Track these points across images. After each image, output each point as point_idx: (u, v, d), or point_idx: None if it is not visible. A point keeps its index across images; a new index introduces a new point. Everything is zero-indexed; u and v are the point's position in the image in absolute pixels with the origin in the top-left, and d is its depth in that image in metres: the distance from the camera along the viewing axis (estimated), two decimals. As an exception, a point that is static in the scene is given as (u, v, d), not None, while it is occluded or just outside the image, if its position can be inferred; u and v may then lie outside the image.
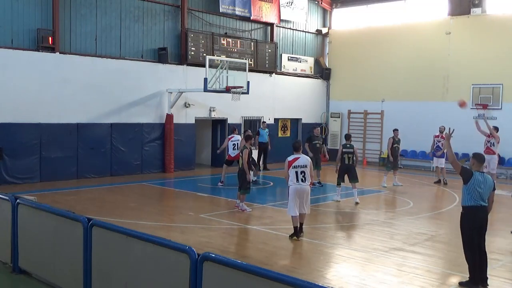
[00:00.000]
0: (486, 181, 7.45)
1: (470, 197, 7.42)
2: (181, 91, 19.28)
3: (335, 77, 26.19)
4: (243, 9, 21.96)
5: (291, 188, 10.02)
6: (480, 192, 7.37)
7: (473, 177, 7.42)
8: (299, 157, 10.07)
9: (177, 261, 5.09)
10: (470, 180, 7.41)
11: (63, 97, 16.81)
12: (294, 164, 9.99)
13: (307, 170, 10.01)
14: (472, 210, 7.44)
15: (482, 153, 8.02)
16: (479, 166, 7.61)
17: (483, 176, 7.48)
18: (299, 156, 10.10)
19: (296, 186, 9.97)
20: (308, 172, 10.05)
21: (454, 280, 7.92)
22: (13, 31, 15.80)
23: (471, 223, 7.45)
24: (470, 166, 7.69)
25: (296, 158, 10.04)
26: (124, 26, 18.43)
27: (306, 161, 10.10)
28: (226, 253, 9.00)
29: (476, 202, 7.39)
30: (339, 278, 8.00)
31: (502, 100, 20.84)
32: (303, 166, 9.99)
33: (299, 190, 9.98)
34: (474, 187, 7.39)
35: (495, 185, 7.80)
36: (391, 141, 17.40)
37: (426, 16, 23.23)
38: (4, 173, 15.53)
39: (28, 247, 7.39)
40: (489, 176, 7.65)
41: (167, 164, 19.34)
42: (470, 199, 7.42)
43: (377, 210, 13.96)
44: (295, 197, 9.99)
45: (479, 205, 7.41)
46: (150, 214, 12.30)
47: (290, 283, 4.20)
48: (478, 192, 7.37)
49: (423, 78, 22.82)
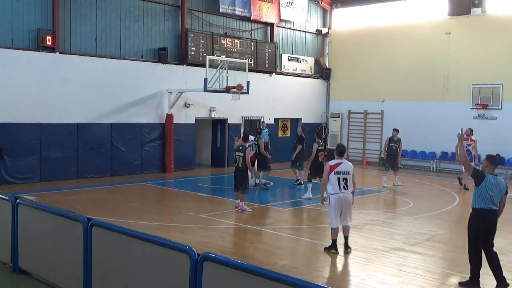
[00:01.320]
0: (498, 184, 7.31)
1: (481, 199, 7.28)
2: (181, 91, 19.28)
3: (335, 77, 26.19)
4: (243, 9, 21.96)
5: (333, 197, 9.15)
6: (492, 195, 7.23)
7: (486, 179, 7.27)
8: (342, 163, 9.22)
9: (177, 261, 5.09)
10: (482, 183, 7.27)
11: (63, 97, 16.81)
12: (337, 170, 9.14)
13: (349, 177, 9.18)
14: (481, 213, 7.33)
15: (496, 155, 7.83)
16: (493, 168, 7.46)
17: (495, 179, 7.33)
18: (342, 162, 9.24)
19: (339, 195, 9.10)
20: (351, 180, 9.22)
21: (454, 280, 7.93)
22: (13, 31, 15.80)
23: (479, 226, 7.35)
24: (483, 168, 7.57)
25: (338, 163, 9.20)
26: (124, 26, 18.43)
27: (349, 167, 9.25)
28: (226, 253, 9.00)
29: (487, 205, 7.26)
30: (339, 278, 8.00)
31: (502, 100, 20.83)
32: (346, 172, 9.16)
33: (341, 198, 9.13)
34: (486, 190, 7.25)
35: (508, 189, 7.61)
36: (387, 141, 17.46)
37: (426, 16, 23.23)
38: (4, 173, 15.53)
39: (28, 247, 7.39)
40: (502, 179, 7.48)
41: (167, 164, 19.35)
42: (481, 201, 7.28)
43: (377, 210, 13.95)
44: (336, 207, 9.16)
45: (489, 208, 7.28)
46: (150, 214, 12.29)
47: (290, 283, 4.20)
48: (489, 195, 7.23)
49: (423, 78, 22.83)
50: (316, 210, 13.27)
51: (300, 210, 13.59)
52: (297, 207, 13.88)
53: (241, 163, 12.66)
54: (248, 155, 12.62)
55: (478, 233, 7.39)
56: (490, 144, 20.26)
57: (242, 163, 12.63)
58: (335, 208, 9.17)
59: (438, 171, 22.39)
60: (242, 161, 12.63)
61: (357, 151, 25.38)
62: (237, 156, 12.79)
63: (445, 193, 16.67)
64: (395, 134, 17.47)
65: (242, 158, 12.61)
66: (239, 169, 12.73)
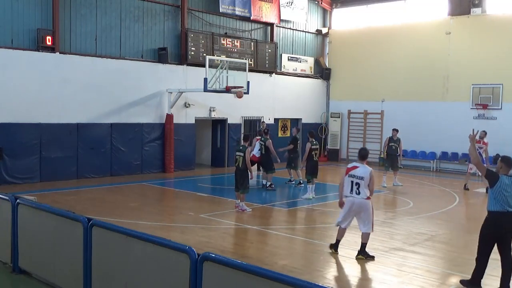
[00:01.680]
0: None
1: (496, 201, 7.13)
2: (181, 91, 19.28)
3: (335, 77, 26.19)
4: (243, 9, 21.96)
5: (346, 199, 9.08)
6: (507, 195, 7.07)
7: (500, 180, 7.12)
8: (358, 167, 9.02)
9: (177, 261, 5.08)
10: (496, 184, 7.12)
11: (63, 97, 16.81)
12: (351, 173, 8.99)
13: (362, 183, 8.88)
14: (497, 216, 7.16)
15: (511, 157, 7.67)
16: (507, 169, 7.33)
17: (510, 179, 7.15)
18: (359, 166, 9.04)
19: (350, 199, 8.97)
20: (364, 185, 8.88)
21: (454, 280, 7.92)
22: (13, 31, 15.80)
23: (494, 229, 7.19)
24: (498, 170, 7.44)
25: (355, 167, 9.04)
26: (124, 26, 18.43)
27: (365, 173, 8.93)
28: (226, 253, 9.00)
29: (503, 207, 7.09)
30: (339, 278, 8.00)
31: (502, 100, 20.83)
32: (359, 177, 8.91)
33: (353, 203, 8.96)
34: (501, 191, 7.09)
35: None
36: (387, 141, 17.48)
37: (426, 16, 23.23)
38: (4, 173, 15.53)
39: (28, 247, 7.39)
40: None
41: (167, 164, 19.35)
42: (496, 203, 7.13)
43: (377, 210, 13.90)
44: (348, 209, 9.04)
45: (506, 210, 7.10)
46: (150, 214, 12.29)
47: (290, 283, 4.20)
48: (505, 196, 7.07)
49: (423, 78, 22.83)
50: (316, 210, 13.27)
51: (300, 210, 13.59)
52: (297, 207, 13.88)
53: (241, 163, 12.66)
54: (248, 155, 12.63)
55: (490, 236, 7.24)
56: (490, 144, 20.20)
57: (242, 163, 12.63)
58: (346, 210, 9.06)
59: (438, 171, 22.39)
60: (242, 161, 12.63)
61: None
62: (238, 156, 12.78)
63: (445, 193, 16.67)
64: (395, 134, 17.48)
65: (242, 158, 12.61)
66: (239, 169, 12.73)
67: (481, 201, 15.04)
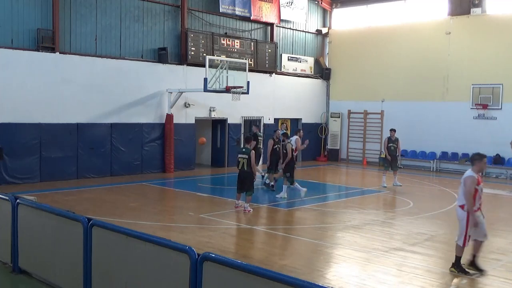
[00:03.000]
0: None
1: None
2: (181, 91, 19.27)
3: (335, 77, 26.19)
4: (243, 9, 21.96)
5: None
6: None
7: None
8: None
9: (177, 261, 5.08)
10: None
11: (63, 97, 16.81)
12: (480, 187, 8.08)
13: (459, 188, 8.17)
14: None
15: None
16: None
17: None
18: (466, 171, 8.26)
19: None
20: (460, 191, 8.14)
21: (454, 280, 7.92)
22: (13, 31, 15.80)
23: None
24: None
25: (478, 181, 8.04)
26: (124, 26, 18.43)
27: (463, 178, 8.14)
28: (226, 253, 8.99)
29: None
30: (339, 278, 8.00)
31: (502, 100, 20.82)
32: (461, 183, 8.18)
33: None
34: None
35: None
36: (386, 142, 17.48)
37: (426, 16, 23.23)
38: (4, 173, 15.52)
39: (28, 247, 7.39)
40: None
41: (167, 164, 19.34)
42: None
43: (377, 210, 13.95)
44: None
45: None
46: (150, 214, 12.29)
47: (290, 283, 4.20)
48: None
49: (423, 78, 22.82)
50: (316, 210, 13.27)
51: (300, 210, 13.58)
52: (297, 207, 13.87)
53: (246, 166, 12.46)
54: (253, 157, 12.48)
55: None
56: (490, 144, 20.29)
57: (247, 166, 12.43)
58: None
59: (438, 171, 22.38)
60: (247, 163, 12.43)
61: (357, 151, 25.38)
62: (241, 158, 12.53)
63: (445, 193, 16.67)
64: (393, 134, 17.47)
65: (247, 161, 12.46)
66: (244, 171, 12.52)
67: (481, 201, 15.02)
